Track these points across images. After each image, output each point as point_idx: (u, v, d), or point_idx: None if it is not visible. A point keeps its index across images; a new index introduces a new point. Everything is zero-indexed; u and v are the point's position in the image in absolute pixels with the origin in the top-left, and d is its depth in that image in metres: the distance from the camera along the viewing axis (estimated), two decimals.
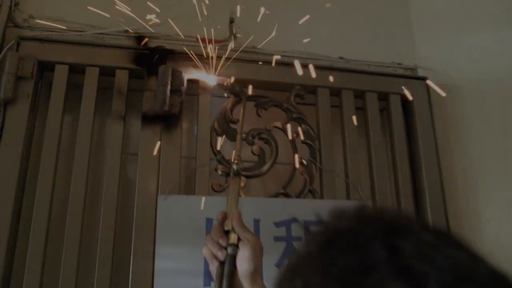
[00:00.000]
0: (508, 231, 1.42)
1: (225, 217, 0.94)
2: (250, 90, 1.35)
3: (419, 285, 0.40)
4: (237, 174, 1.21)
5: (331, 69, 1.47)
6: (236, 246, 0.88)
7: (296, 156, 1.36)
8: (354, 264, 0.41)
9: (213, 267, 0.90)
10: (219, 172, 1.30)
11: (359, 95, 1.48)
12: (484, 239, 1.43)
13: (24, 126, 1.21)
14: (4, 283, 1.12)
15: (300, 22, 1.39)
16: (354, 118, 1.43)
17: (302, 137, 1.38)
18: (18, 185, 1.18)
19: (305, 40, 1.43)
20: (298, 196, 1.31)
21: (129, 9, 1.33)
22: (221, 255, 0.88)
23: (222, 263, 0.89)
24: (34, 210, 1.17)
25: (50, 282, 1.15)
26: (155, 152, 1.26)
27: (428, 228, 0.46)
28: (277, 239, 1.25)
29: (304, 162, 1.37)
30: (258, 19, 1.37)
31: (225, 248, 0.89)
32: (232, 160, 1.18)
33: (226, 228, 0.92)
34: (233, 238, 0.89)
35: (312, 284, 0.43)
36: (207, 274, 1.16)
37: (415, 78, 1.55)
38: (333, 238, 0.45)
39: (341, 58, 1.53)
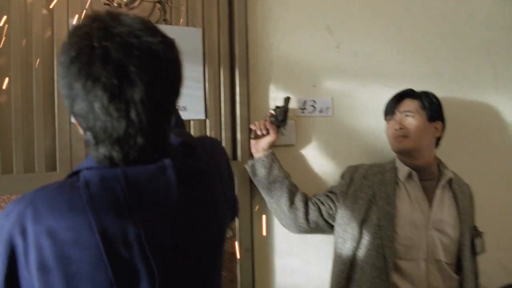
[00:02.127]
0: (283, 49, 2.34)
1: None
2: None
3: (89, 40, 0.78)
4: (126, 4, 2.06)
5: None
6: None
7: None
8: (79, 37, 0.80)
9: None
10: (115, 4, 2.09)
11: None
12: (270, 54, 2.33)
13: None
14: None
15: None
16: None
17: None
18: None
19: None
20: (156, 22, 2.18)
21: None
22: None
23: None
24: None
25: None
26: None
27: (125, 25, 0.80)
28: None
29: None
30: None
31: None
32: None
33: None
34: None
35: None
36: None
37: None
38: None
39: None
